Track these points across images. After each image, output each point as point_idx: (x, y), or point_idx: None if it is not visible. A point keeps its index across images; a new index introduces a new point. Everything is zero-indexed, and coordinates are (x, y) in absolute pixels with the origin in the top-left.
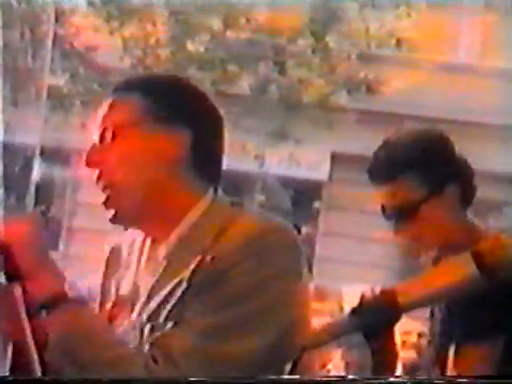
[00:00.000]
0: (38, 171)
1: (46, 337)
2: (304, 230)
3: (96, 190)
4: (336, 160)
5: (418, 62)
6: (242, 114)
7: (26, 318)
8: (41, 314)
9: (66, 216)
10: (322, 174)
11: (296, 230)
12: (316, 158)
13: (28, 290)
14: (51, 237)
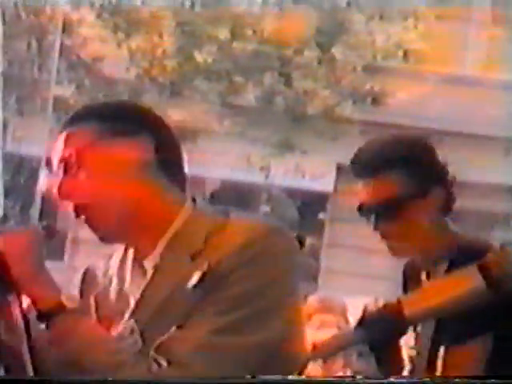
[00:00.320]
0: (44, 182)
1: (47, 348)
2: (309, 242)
3: None
4: (341, 171)
5: (423, 74)
6: (247, 125)
7: (23, 330)
8: (39, 326)
9: (71, 227)
10: (327, 186)
11: (300, 241)
12: (321, 169)
13: (25, 301)
14: (56, 248)
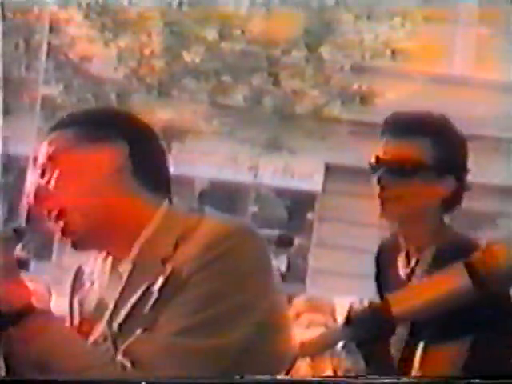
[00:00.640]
0: (31, 181)
1: (16, 349)
2: (297, 241)
3: None
4: (329, 171)
5: (411, 74)
6: (236, 125)
7: None
8: (8, 327)
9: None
10: (315, 185)
11: (289, 240)
12: (310, 168)
13: None
14: (44, 248)
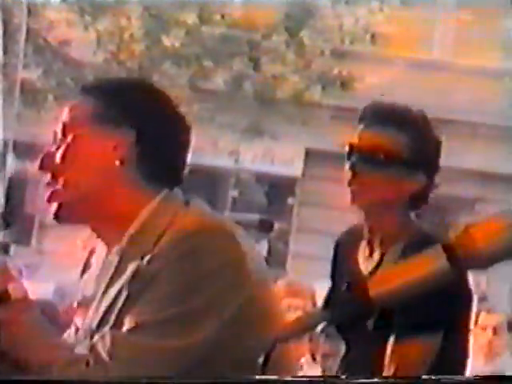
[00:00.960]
0: (11, 166)
1: None
2: (277, 226)
3: None
4: (310, 156)
5: (391, 59)
6: (216, 109)
7: None
8: None
9: (38, 211)
10: (295, 170)
11: (269, 225)
12: (290, 154)
13: None
14: (24, 233)
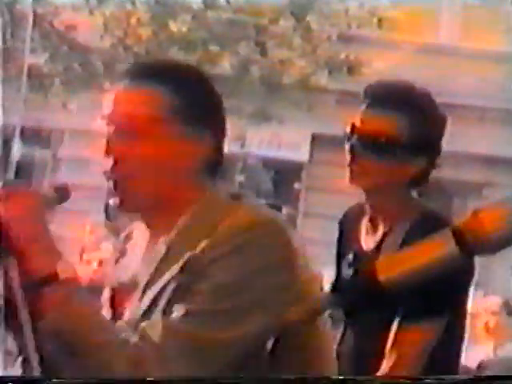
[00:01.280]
0: (18, 151)
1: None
2: (285, 211)
3: (75, 169)
4: (316, 141)
5: (398, 43)
6: (223, 94)
7: (21, 296)
8: (33, 293)
9: None
10: (302, 155)
11: (278, 210)
12: (297, 138)
13: (22, 266)
14: None
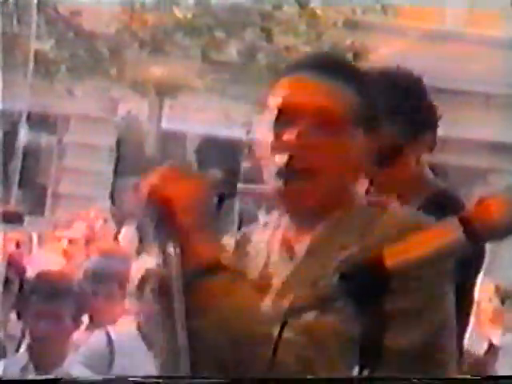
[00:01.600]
0: (24, 137)
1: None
2: None
3: (81, 155)
4: None
5: (404, 30)
6: (229, 81)
7: (179, 286)
8: (196, 280)
9: (51, 181)
10: None
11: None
12: None
13: (185, 253)
14: (37, 203)
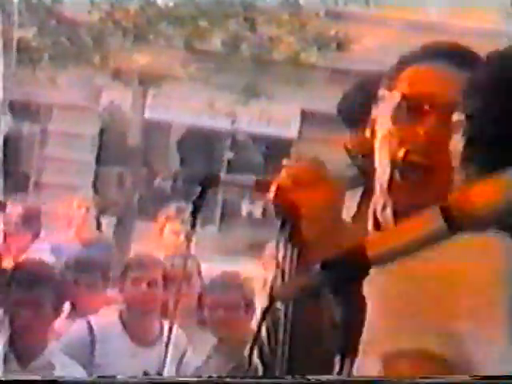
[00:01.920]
0: (6, 125)
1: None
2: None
3: (63, 144)
4: (306, 117)
5: (387, 20)
6: (212, 71)
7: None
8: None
9: (34, 170)
10: (291, 132)
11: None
12: (286, 115)
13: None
14: (19, 191)
